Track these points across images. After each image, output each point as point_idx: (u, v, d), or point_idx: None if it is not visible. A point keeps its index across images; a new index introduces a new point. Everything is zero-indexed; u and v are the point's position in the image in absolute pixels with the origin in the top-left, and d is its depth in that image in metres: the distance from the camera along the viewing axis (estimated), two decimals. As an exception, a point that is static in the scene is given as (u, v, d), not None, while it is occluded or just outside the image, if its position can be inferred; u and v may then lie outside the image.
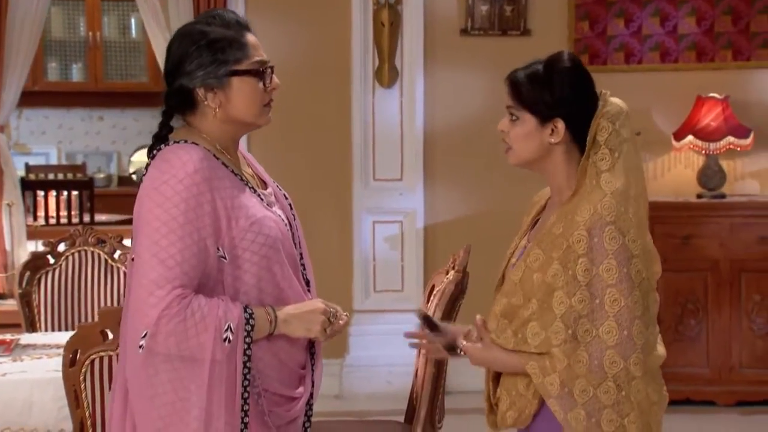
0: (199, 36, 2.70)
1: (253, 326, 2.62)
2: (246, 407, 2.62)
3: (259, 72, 2.74)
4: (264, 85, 2.76)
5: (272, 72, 2.78)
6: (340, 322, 2.80)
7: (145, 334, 2.55)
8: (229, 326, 2.58)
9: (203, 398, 2.58)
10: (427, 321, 2.91)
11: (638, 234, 2.67)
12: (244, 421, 2.61)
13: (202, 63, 2.69)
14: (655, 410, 2.71)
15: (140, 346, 2.56)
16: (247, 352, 2.61)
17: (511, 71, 2.80)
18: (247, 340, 2.61)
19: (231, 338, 2.58)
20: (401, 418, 4.01)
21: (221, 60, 2.70)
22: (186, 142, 2.69)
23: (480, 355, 2.80)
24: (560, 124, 2.73)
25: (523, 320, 2.69)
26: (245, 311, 2.62)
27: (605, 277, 2.61)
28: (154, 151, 2.71)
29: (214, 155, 2.71)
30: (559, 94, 2.72)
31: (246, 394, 2.62)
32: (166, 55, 2.77)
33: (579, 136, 2.74)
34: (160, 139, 2.73)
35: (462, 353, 2.85)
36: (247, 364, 2.61)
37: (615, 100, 2.77)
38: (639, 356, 2.63)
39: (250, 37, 2.76)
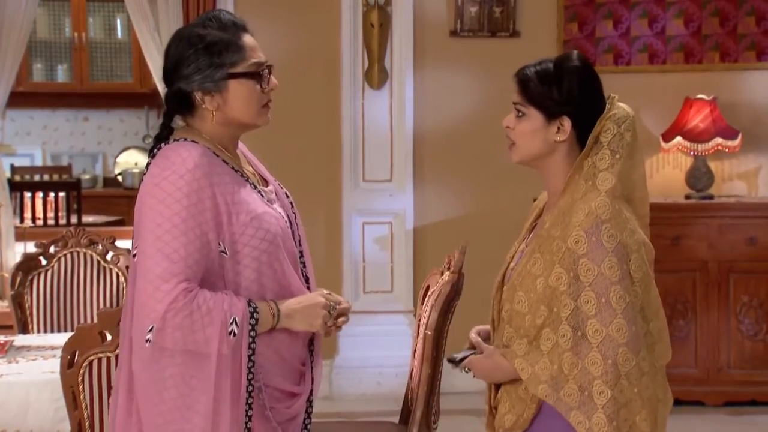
0: (196, 39, 2.71)
1: (257, 320, 2.64)
2: (250, 401, 2.64)
3: (256, 74, 2.74)
4: (261, 86, 2.76)
5: (270, 72, 2.79)
6: (341, 318, 2.82)
7: (152, 329, 2.56)
8: (234, 320, 2.60)
9: (209, 392, 2.59)
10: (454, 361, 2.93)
11: (635, 229, 2.68)
12: (248, 414, 2.63)
13: (199, 66, 2.70)
14: (661, 408, 2.70)
15: (147, 341, 2.58)
16: (252, 345, 2.63)
17: (520, 68, 2.80)
18: (252, 333, 2.63)
19: (236, 332, 2.60)
20: (391, 419, 4.01)
21: (218, 63, 2.71)
22: (185, 140, 2.70)
23: (482, 364, 2.81)
24: (567, 122, 2.73)
25: (536, 328, 2.69)
26: (249, 305, 2.63)
27: (608, 274, 2.61)
28: (155, 150, 2.72)
29: (214, 152, 2.72)
30: (567, 92, 2.72)
31: (251, 388, 2.63)
32: (164, 57, 2.78)
33: (583, 137, 2.74)
34: (160, 139, 2.74)
35: (466, 370, 2.86)
36: (252, 358, 2.63)
37: (622, 104, 2.77)
38: (644, 351, 2.64)
39: (247, 39, 2.77)
